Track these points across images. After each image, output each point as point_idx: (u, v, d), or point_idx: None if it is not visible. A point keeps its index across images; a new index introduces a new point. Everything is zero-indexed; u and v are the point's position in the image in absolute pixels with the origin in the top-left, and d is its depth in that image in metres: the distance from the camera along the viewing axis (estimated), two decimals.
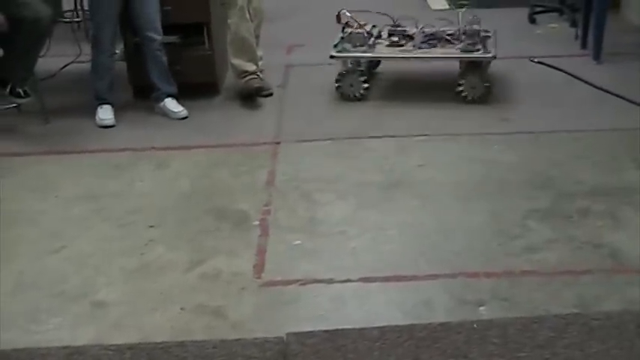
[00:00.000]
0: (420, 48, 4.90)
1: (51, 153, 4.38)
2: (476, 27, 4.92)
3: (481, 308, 2.87)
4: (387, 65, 5.37)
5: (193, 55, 4.99)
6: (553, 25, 6.53)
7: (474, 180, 3.88)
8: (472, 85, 4.82)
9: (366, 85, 4.94)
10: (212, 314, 2.91)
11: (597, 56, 5.51)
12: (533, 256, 3.20)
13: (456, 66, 5.07)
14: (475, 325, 2.71)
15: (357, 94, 4.93)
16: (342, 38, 5.00)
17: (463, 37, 4.91)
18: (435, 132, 4.42)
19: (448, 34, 4.97)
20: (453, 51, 4.86)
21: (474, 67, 4.91)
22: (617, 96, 4.84)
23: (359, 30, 5.01)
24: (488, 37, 5.04)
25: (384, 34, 5.13)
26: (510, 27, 6.56)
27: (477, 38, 4.88)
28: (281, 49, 5.97)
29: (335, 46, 4.95)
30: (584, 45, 5.80)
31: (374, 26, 5.19)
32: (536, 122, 4.52)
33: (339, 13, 5.07)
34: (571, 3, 6.44)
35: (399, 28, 5.11)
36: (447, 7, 7.53)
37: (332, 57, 4.92)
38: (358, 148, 4.28)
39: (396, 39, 5.01)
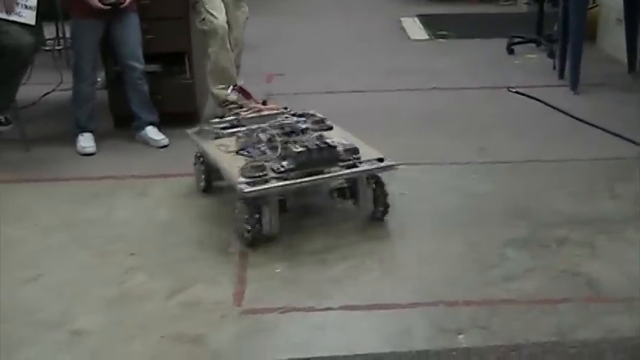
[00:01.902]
0: (238, 152, 3.79)
1: (30, 181, 4.37)
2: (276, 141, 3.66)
3: (460, 336, 2.88)
4: None
5: (174, 84, 5.01)
6: (531, 55, 6.62)
7: (453, 209, 3.91)
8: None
9: (203, 184, 4.08)
10: (192, 342, 2.89)
11: (574, 86, 5.59)
12: (511, 285, 3.22)
13: None
14: (454, 353, 2.74)
15: (200, 185, 4.14)
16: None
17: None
18: (415, 161, 4.44)
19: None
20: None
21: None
22: (594, 126, 4.90)
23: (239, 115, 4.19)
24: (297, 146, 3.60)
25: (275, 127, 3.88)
26: (489, 57, 6.65)
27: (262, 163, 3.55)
28: (261, 78, 6.01)
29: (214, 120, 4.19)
30: (561, 75, 5.88)
31: (282, 113, 4.17)
32: (514, 152, 4.57)
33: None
34: (548, 34, 6.54)
35: (291, 121, 3.98)
36: (427, 37, 7.62)
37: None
38: None
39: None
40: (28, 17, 4.52)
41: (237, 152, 3.79)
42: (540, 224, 3.71)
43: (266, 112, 4.21)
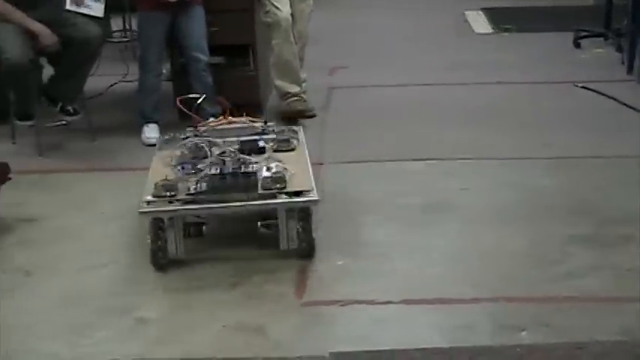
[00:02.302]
0: (175, 166, 3.56)
1: (96, 170, 4.46)
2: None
3: (523, 333, 2.85)
4: None
5: (238, 75, 5.04)
6: (598, 49, 6.49)
7: (515, 205, 3.87)
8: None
9: None
10: (253, 332, 2.92)
11: None
12: (575, 282, 3.18)
13: None
14: (518, 349, 2.72)
15: None
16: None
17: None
18: (478, 155, 4.41)
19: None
20: None
21: None
22: None
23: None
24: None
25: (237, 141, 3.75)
26: (554, 51, 6.55)
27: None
28: (324, 71, 6.01)
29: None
30: (630, 70, 5.76)
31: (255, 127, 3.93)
32: (579, 147, 4.49)
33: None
34: (617, 28, 6.40)
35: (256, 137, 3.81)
36: (491, 30, 7.53)
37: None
38: (400, 171, 4.28)
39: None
40: (97, 10, 4.63)
41: (175, 166, 3.57)
42: (605, 221, 3.64)
43: (235, 125, 3.95)
